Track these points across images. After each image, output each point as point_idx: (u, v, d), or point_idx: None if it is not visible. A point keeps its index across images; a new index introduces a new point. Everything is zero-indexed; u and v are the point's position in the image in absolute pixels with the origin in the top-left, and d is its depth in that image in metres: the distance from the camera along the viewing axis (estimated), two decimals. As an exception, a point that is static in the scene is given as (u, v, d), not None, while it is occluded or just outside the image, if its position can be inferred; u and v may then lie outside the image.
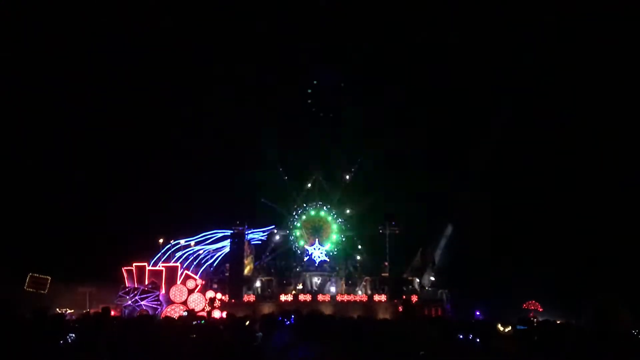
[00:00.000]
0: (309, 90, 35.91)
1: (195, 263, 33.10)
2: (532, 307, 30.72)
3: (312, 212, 35.47)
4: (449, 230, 32.68)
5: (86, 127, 32.44)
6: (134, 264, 31.26)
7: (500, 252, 31.44)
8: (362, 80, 36.77)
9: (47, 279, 28.00)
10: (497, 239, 31.96)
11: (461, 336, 9.33)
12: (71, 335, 6.57)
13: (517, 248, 31.94)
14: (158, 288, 30.59)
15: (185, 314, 27.06)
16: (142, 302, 29.26)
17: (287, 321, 11.05)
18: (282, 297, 30.22)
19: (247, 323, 10.54)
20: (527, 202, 33.46)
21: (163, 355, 6.31)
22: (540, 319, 19.15)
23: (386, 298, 30.34)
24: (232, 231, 32.21)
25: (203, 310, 28.87)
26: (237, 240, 31.86)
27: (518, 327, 10.69)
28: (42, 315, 6.71)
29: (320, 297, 29.99)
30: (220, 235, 33.82)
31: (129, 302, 29.02)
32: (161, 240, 32.87)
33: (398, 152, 34.68)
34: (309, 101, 36.21)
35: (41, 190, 30.88)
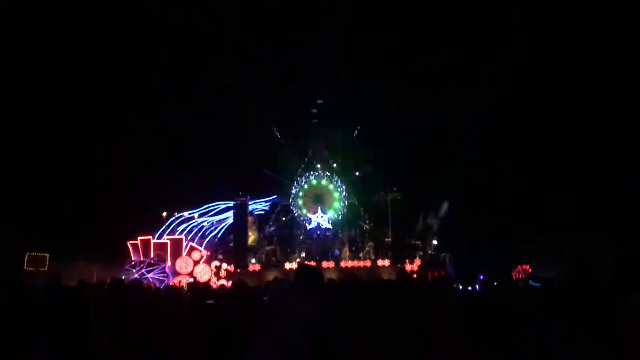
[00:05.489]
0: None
1: (199, 235, 33.39)
2: (522, 270, 30.39)
3: (314, 181, 35.53)
4: (445, 206, 32.57)
5: (86, 102, 31.95)
6: (139, 238, 31.55)
7: (499, 213, 31.17)
8: (364, 34, 35.35)
9: (46, 256, 27.73)
10: (495, 200, 31.62)
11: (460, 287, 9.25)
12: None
13: (513, 208, 31.56)
14: (164, 260, 30.93)
15: (192, 280, 27.39)
16: (149, 275, 29.62)
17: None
18: (287, 265, 30.57)
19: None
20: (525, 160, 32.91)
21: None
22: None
23: (390, 262, 30.69)
24: (235, 202, 32.35)
25: (209, 280, 29.20)
26: (240, 211, 32.06)
27: (530, 282, 10.71)
28: (55, 286, 6.60)
29: (324, 264, 30.30)
30: (223, 206, 34.00)
31: (136, 275, 29.35)
32: (165, 214, 33.06)
33: (400, 114, 34.05)
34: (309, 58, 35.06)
35: (39, 169, 30.53)
